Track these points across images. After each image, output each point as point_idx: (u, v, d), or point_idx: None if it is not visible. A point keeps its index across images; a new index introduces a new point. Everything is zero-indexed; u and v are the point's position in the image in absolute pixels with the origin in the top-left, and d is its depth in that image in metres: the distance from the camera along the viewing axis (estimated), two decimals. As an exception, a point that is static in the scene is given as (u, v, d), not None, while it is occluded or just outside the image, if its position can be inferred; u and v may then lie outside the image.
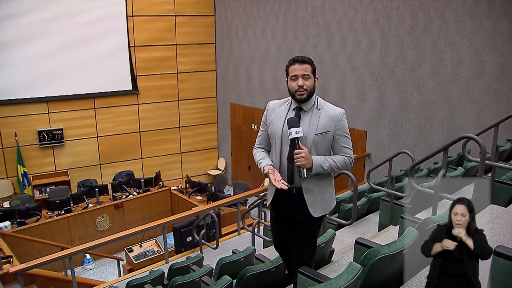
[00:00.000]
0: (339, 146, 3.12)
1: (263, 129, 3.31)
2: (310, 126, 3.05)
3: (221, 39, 13.38)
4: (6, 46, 10.94)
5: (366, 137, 9.28)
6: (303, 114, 3.09)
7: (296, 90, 3.04)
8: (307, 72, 3.05)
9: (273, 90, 11.46)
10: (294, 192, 3.13)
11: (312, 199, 3.12)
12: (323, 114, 3.10)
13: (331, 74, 9.81)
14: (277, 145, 3.12)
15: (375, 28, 8.72)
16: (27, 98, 11.38)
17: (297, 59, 3.06)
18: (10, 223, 9.07)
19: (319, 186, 3.14)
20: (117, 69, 12.33)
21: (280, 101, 3.25)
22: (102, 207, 10.25)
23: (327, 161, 3.06)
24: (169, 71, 13.11)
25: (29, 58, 11.18)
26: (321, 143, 3.07)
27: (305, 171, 3.00)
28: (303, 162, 2.96)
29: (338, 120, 3.10)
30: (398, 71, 8.42)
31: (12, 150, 11.35)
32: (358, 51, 9.16)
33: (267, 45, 11.63)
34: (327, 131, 3.07)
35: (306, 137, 3.03)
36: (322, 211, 3.19)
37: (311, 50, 10.22)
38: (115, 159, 12.76)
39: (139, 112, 12.92)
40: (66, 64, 11.59)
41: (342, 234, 5.76)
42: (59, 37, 11.43)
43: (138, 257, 8.30)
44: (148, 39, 12.60)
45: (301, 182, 3.08)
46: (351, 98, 9.45)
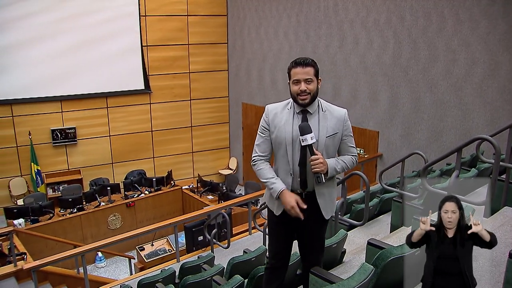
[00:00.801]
0: (346, 146, 3.12)
1: (264, 135, 3.14)
2: (320, 130, 2.99)
3: (233, 39, 13.40)
4: (20, 46, 11.07)
5: (378, 138, 9.23)
6: (310, 117, 3.02)
7: (299, 94, 2.97)
8: (309, 76, 2.96)
9: (285, 90, 11.32)
10: (303, 197, 3.07)
11: (324, 202, 3.10)
12: (330, 116, 3.04)
13: (343, 74, 9.77)
14: (288, 152, 3.02)
15: (388, 28, 8.67)
16: (40, 97, 11.52)
17: (300, 61, 2.98)
18: (24, 221, 9.17)
19: (329, 188, 3.13)
20: (130, 68, 12.41)
21: (280, 104, 3.15)
22: (114, 205, 10.31)
23: (338, 163, 3.05)
24: (181, 71, 13.16)
25: (42, 58, 11.31)
26: (330, 146, 3.04)
27: (323, 176, 2.95)
28: (322, 167, 2.91)
29: (345, 121, 3.08)
30: (411, 72, 8.36)
31: (26, 149, 11.48)
32: (370, 51, 9.11)
33: (280, 45, 11.61)
34: (336, 132, 3.03)
35: (318, 141, 2.97)
36: (331, 213, 3.20)
37: (324, 50, 10.19)
38: (127, 158, 12.85)
39: (151, 111, 12.98)
40: (79, 64, 11.70)
41: (353, 235, 5.73)
42: (73, 37, 11.55)
43: (149, 255, 8.33)
44: (160, 38, 12.66)
45: (315, 187, 3.05)
46: (364, 98, 9.40)
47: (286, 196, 2.98)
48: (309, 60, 2.99)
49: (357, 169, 7.70)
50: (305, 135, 2.90)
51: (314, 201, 3.07)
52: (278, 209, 3.17)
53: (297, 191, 3.07)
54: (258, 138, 3.18)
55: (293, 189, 3.07)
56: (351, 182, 7.96)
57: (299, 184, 3.05)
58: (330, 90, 10.10)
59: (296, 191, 3.06)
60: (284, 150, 3.04)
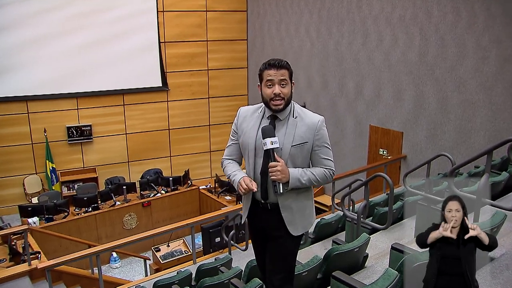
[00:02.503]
0: (318, 158, 2.91)
1: (233, 138, 3.08)
2: (286, 137, 2.82)
3: (253, 36, 13.40)
4: (36, 42, 11.23)
5: (402, 138, 9.12)
6: (278, 123, 2.85)
7: (272, 98, 2.79)
8: (284, 77, 2.82)
9: (306, 89, 11.41)
10: (269, 208, 2.93)
11: (290, 216, 2.92)
12: (300, 123, 2.85)
13: (367, 72, 9.69)
14: (250, 158, 2.90)
15: (414, 24, 8.56)
16: (56, 94, 11.68)
17: (274, 63, 2.83)
18: (39, 219, 9.29)
19: (298, 202, 2.94)
20: (147, 65, 12.50)
21: (252, 107, 3.03)
22: (130, 205, 10.39)
23: (305, 174, 2.85)
24: (200, 68, 13.20)
25: (59, 54, 11.47)
26: (298, 155, 2.85)
27: (281, 185, 2.77)
28: (279, 176, 2.73)
29: (317, 129, 2.86)
30: (438, 70, 8.24)
31: (41, 146, 11.64)
32: (395, 48, 9.02)
33: (301, 42, 11.57)
34: (304, 141, 2.84)
35: (282, 149, 2.80)
36: (302, 229, 2.99)
37: (346, 47, 10.12)
38: (143, 156, 12.94)
39: (168, 109, 13.06)
40: (95, 60, 11.83)
41: (376, 239, 5.67)
42: (89, 33, 11.68)
43: (165, 257, 8.38)
44: (178, 34, 12.72)
45: (278, 198, 2.87)
46: (387, 97, 9.31)
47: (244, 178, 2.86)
48: (284, 62, 2.85)
49: (380, 171, 7.67)
50: (265, 138, 2.75)
51: (280, 214, 2.91)
52: (244, 215, 3.10)
53: (261, 201, 2.94)
54: (229, 141, 3.12)
55: (256, 199, 2.96)
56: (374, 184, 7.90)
57: (260, 193, 2.90)
58: (352, 89, 10.03)
59: (260, 201, 2.94)
60: (248, 156, 2.93)
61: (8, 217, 11.14)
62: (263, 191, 2.89)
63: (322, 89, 11.00)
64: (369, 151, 9.90)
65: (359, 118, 10.02)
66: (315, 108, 11.12)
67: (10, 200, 11.59)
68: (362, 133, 9.99)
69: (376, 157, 9.69)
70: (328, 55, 10.71)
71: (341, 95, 10.46)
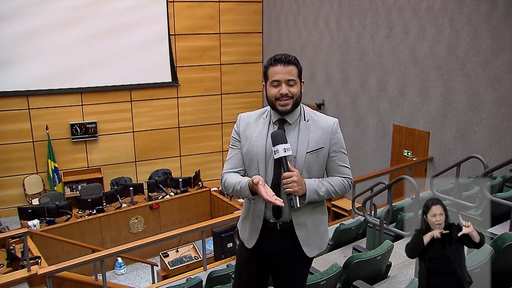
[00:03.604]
0: (335, 165, 2.76)
1: (236, 147, 2.85)
2: (299, 143, 2.68)
3: (268, 28, 13.36)
4: (39, 34, 11.28)
5: (429, 139, 9.02)
6: (288, 128, 2.72)
7: (278, 99, 2.67)
8: (292, 77, 2.68)
9: (325, 85, 11.35)
10: (279, 229, 2.77)
11: (306, 235, 2.76)
12: (314, 126, 2.73)
13: (391, 67, 9.61)
14: (261, 169, 2.72)
15: (444, 15, 8.45)
16: (59, 89, 11.73)
17: (280, 58, 2.70)
18: (39, 222, 9.32)
19: (313, 218, 2.78)
20: (156, 59, 12.52)
21: (255, 112, 2.89)
22: (137, 207, 10.41)
23: (323, 185, 2.70)
24: (212, 62, 13.21)
25: (62, 47, 11.51)
26: (314, 163, 2.70)
27: (298, 199, 2.57)
28: (295, 188, 2.55)
29: (333, 133, 2.73)
30: (469, 65, 8.13)
31: (43, 144, 11.72)
32: (422, 41, 8.92)
33: (320, 35, 11.51)
34: (320, 147, 2.70)
35: (296, 157, 2.66)
36: (318, 249, 2.84)
37: (369, 40, 10.05)
38: (151, 156, 12.98)
39: (178, 106, 13.09)
40: (101, 53, 11.87)
41: (400, 247, 5.59)
42: (95, 24, 11.72)
43: (174, 263, 8.35)
44: (189, 27, 12.74)
45: (292, 214, 2.71)
46: (413, 94, 9.22)
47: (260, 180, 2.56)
48: (291, 58, 2.71)
49: (404, 173, 7.59)
50: (277, 145, 2.58)
51: (292, 234, 2.76)
52: (251, 239, 2.87)
53: (269, 221, 2.78)
54: (229, 152, 2.90)
55: (266, 219, 2.79)
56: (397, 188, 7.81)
57: (272, 212, 2.73)
58: (375, 85, 9.96)
59: (268, 221, 2.78)
60: (256, 167, 2.74)
61: (7, 219, 11.19)
62: (275, 207, 2.69)
63: (342, 85, 10.93)
64: (392, 152, 9.81)
65: (382, 117, 9.94)
66: (334, 105, 11.07)
67: (9, 201, 11.67)
68: (385, 132, 9.91)
69: (400, 159, 9.61)
70: (349, 49, 10.64)
71: (362, 92, 10.39)
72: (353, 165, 10.46)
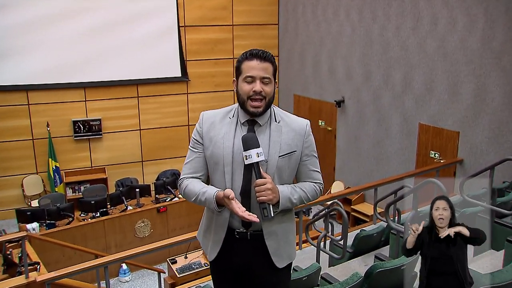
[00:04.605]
0: (307, 170, 2.78)
1: (196, 150, 2.81)
2: (271, 146, 2.66)
3: (285, 19, 13.33)
4: (40, 24, 11.28)
5: (459, 139, 8.92)
6: (258, 129, 2.69)
7: (251, 97, 2.63)
8: (267, 74, 2.66)
9: (345, 81, 11.27)
10: (248, 238, 2.74)
11: (275, 245, 2.76)
12: (286, 128, 2.72)
13: (417, 62, 9.50)
14: (227, 174, 2.68)
15: (477, 3, 8.33)
16: (61, 83, 11.74)
17: (257, 53, 2.70)
18: (39, 225, 9.32)
19: (283, 227, 2.78)
20: (165, 52, 12.53)
21: (220, 111, 2.85)
22: (143, 210, 10.38)
23: (295, 191, 2.71)
24: (225, 56, 13.19)
25: (65, 38, 11.51)
26: (285, 168, 2.70)
27: (271, 208, 2.56)
28: (269, 196, 2.54)
29: (306, 135, 2.75)
30: (506, 58, 7.99)
31: (43, 142, 11.75)
32: (452, 33, 8.80)
33: (340, 26, 11.43)
34: (293, 150, 2.70)
35: (268, 161, 2.64)
36: (287, 259, 2.85)
37: (393, 32, 9.95)
38: (159, 155, 12.99)
39: (188, 103, 13.11)
40: (106, 46, 11.89)
41: (426, 256, 5.53)
42: (100, 15, 11.72)
43: (182, 270, 8.35)
44: (200, 18, 12.72)
45: (262, 223, 2.67)
46: (441, 91, 9.11)
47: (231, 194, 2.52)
48: (269, 54, 2.71)
49: (431, 176, 7.49)
50: (249, 150, 2.54)
51: (263, 244, 2.74)
52: (213, 250, 2.84)
53: (237, 230, 2.73)
54: (188, 155, 2.85)
55: (232, 228, 2.74)
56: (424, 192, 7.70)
57: (242, 220, 2.63)
58: (399, 81, 9.86)
59: (236, 230, 2.73)
60: (222, 172, 2.70)
61: (4, 222, 11.29)
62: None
63: (364, 81, 10.85)
64: (418, 154, 9.72)
65: (407, 115, 9.84)
66: (355, 103, 10.99)
67: (6, 203, 11.71)
68: (410, 132, 9.82)
69: (426, 161, 9.52)
70: (371, 42, 10.55)
71: (386, 88, 10.29)
72: (375, 167, 10.55)
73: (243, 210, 2.48)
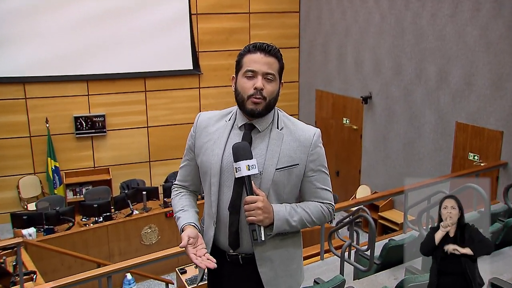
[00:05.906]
0: (312, 188, 2.59)
1: (188, 157, 2.76)
2: (267, 156, 2.49)
3: (307, 7, 13.29)
4: (39, 10, 11.27)
5: (502, 140, 8.78)
6: (256, 136, 2.55)
7: (252, 96, 2.51)
8: (272, 70, 2.52)
9: (373, 75, 11.17)
10: (241, 262, 2.59)
11: (271, 273, 2.58)
12: (288, 137, 2.56)
13: (455, 53, 9.36)
14: (213, 186, 2.57)
15: (527, -14, 8.21)
16: (62, 76, 11.75)
17: (261, 46, 2.55)
18: (36, 230, 9.34)
19: (281, 252, 2.60)
20: (175, 43, 12.53)
21: (217, 113, 2.74)
22: (150, 215, 10.39)
23: (296, 212, 2.52)
24: (240, 47, 12.74)
25: (66, 26, 11.51)
26: (284, 184, 2.52)
27: (263, 230, 2.42)
28: (259, 217, 2.38)
29: (312, 147, 2.56)
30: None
31: (42, 140, 11.77)
32: (497, 20, 8.63)
33: (368, 14, 11.35)
34: (295, 164, 2.52)
35: (262, 174, 2.48)
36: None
37: (428, 21, 9.82)
38: (168, 155, 12.97)
39: (200, 98, 13.11)
40: (111, 36, 11.89)
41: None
42: (104, 1, 11.74)
43: (192, 280, 8.33)
44: (214, 5, 12.71)
45: (254, 247, 2.53)
46: (482, 86, 8.96)
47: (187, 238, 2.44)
48: (275, 49, 2.56)
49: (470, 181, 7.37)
50: (239, 161, 2.40)
51: (256, 271, 2.58)
52: (199, 273, 2.82)
53: (228, 252, 2.59)
54: (182, 159, 2.83)
55: (219, 247, 2.61)
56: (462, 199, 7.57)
57: (228, 239, 2.55)
58: (434, 75, 9.73)
59: (227, 253, 2.60)
60: (209, 183, 2.60)
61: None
62: (232, 235, 2.54)
63: (394, 75, 10.74)
64: (454, 156, 9.60)
65: (442, 113, 9.71)
66: (384, 99, 10.88)
67: (0, 206, 11.74)
68: (445, 132, 9.69)
69: (464, 164, 9.39)
70: (403, 32, 10.44)
71: (418, 83, 10.18)
72: (405, 170, 10.41)
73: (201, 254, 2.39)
